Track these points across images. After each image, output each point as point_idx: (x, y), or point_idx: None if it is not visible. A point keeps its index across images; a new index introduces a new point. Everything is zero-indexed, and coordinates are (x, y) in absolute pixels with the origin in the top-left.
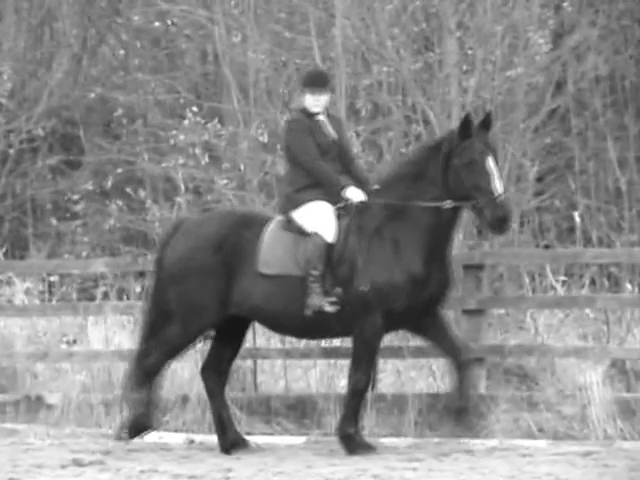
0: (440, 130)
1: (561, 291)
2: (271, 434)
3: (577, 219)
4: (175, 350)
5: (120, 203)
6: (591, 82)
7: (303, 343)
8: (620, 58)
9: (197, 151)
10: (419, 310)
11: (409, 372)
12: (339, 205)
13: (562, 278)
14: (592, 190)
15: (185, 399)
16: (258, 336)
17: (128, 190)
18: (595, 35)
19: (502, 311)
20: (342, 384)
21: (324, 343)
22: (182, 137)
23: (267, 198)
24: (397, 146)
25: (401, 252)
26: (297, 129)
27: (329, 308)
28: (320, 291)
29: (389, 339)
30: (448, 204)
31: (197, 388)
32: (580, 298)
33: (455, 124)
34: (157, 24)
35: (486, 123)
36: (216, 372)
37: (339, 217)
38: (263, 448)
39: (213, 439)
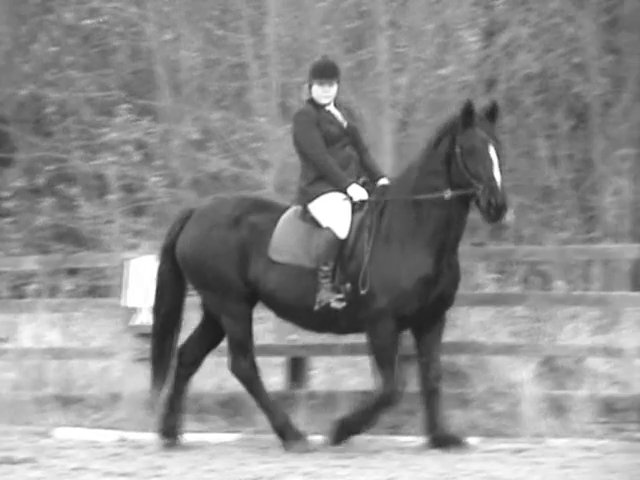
0: (371, 128)
1: (492, 288)
2: (203, 432)
3: (508, 217)
4: (241, 344)
5: (51, 200)
6: (522, 80)
7: None
8: (551, 56)
9: (129, 148)
10: (429, 309)
11: (341, 370)
12: (355, 200)
13: (493, 275)
14: (523, 188)
15: (116, 397)
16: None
17: (59, 187)
18: (526, 33)
19: None
20: (272, 381)
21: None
22: (114, 134)
23: (199, 196)
24: None
25: (411, 253)
26: (304, 121)
27: (336, 304)
28: (329, 287)
29: (322, 337)
30: (447, 194)
31: (129, 386)
32: (511, 296)
33: (386, 123)
34: (89, 21)
35: (491, 113)
36: (192, 357)
37: (354, 211)
38: (195, 446)
39: (145, 437)
